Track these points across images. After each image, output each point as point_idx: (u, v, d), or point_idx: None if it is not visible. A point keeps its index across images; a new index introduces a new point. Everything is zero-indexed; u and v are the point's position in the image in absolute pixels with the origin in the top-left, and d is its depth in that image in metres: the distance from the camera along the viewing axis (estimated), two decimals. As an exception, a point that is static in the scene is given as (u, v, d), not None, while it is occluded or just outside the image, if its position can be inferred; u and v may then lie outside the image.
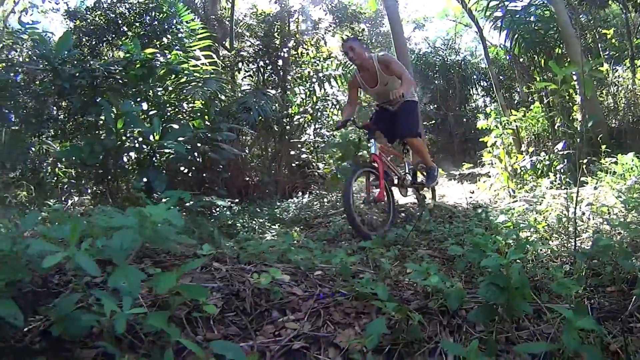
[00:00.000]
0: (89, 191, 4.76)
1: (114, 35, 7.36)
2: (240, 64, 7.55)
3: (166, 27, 6.60)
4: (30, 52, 6.23)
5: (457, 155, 13.18)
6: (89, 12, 8.00)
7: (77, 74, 4.32)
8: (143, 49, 4.54)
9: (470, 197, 5.38)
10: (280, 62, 7.63)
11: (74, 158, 4.20)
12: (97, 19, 7.75)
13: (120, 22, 7.50)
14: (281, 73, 7.65)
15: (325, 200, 5.66)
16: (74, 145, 4.47)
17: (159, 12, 6.76)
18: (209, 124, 4.67)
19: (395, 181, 4.38)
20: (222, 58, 7.71)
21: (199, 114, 4.72)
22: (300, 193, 6.08)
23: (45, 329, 1.33)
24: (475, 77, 15.55)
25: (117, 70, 4.47)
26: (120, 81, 4.51)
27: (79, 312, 1.32)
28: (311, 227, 4.36)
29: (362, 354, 1.42)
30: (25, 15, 11.43)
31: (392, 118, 4.28)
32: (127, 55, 4.48)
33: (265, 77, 7.71)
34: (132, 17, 7.37)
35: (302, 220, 4.62)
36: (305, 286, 1.94)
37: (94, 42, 7.37)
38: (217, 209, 4.19)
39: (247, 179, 5.80)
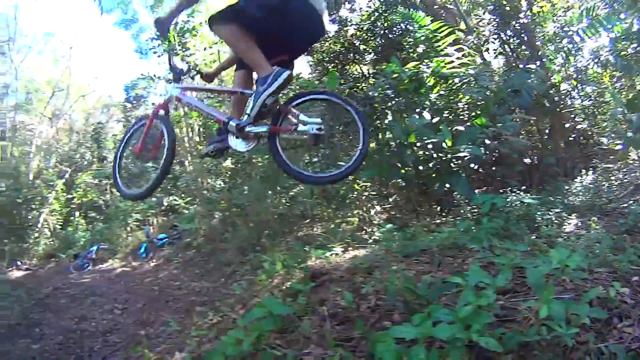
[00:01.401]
0: (390, 200, 5.27)
1: (354, 55, 8.10)
2: (485, 44, 7.38)
3: (404, 36, 7.00)
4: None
5: None
6: (321, 44, 8.76)
7: (360, 103, 4.80)
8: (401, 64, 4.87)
9: None
10: (522, 30, 7.14)
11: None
12: (332, 46, 8.62)
13: (356, 43, 8.26)
14: (526, 39, 7.14)
15: (612, 178, 5.03)
16: (375, 165, 4.86)
17: (395, 26, 7.19)
18: (490, 119, 4.66)
19: None
20: (468, 43, 7.50)
21: (479, 112, 4.79)
22: (582, 170, 5.56)
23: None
24: None
25: (390, 91, 4.88)
26: (396, 99, 4.90)
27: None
28: (607, 215, 3.84)
29: None
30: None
31: None
32: (395, 75, 4.79)
33: (516, 51, 7.35)
34: (365, 35, 8.06)
35: (595, 206, 4.10)
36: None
37: (339, 67, 8.21)
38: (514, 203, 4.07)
39: (529, 161, 5.64)
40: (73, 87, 24.53)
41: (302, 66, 12.45)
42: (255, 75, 2.83)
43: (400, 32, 7.62)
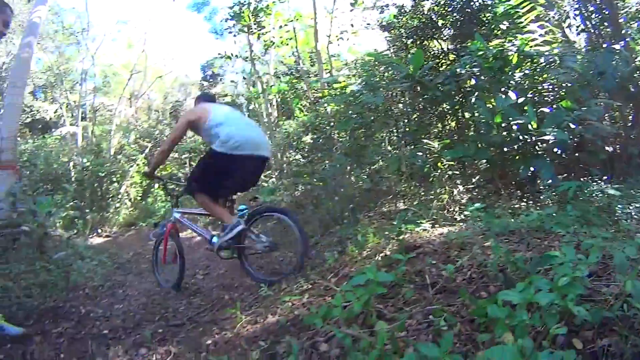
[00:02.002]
0: (473, 181, 5.35)
1: (433, 30, 8.06)
2: (566, 21, 7.18)
3: (483, 11, 6.91)
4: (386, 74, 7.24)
5: None
6: (398, 20, 8.85)
7: (445, 81, 4.97)
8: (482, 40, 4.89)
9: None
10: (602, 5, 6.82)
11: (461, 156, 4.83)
12: (409, 21, 8.55)
13: (433, 17, 8.10)
14: (609, 15, 6.79)
15: None
16: (460, 144, 5.03)
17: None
18: (575, 102, 4.60)
19: None
20: (548, 19, 7.34)
21: (563, 94, 4.77)
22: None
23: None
24: None
25: (476, 68, 4.90)
26: (482, 77, 4.93)
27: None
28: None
29: None
30: (343, 40, 13.08)
31: None
32: (480, 52, 4.82)
33: (598, 28, 7.07)
34: (443, 10, 7.97)
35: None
36: None
37: (418, 42, 8.19)
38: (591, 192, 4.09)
39: (611, 150, 5.50)
40: (150, 69, 25.74)
41: (379, 42, 12.48)
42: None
43: (478, 6, 7.47)
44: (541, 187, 4.60)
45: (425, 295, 2.45)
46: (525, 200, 4.56)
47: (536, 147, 4.35)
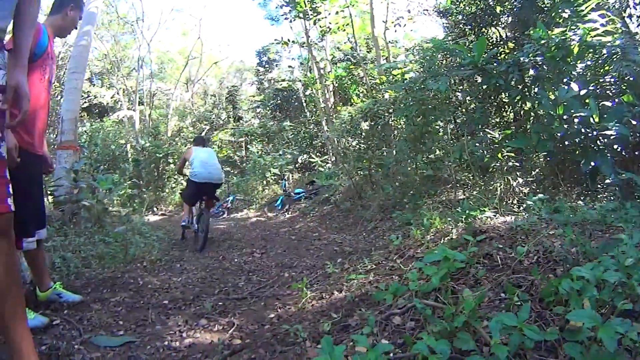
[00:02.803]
0: (533, 174, 5.35)
1: (491, 17, 7.94)
2: (625, 10, 6.89)
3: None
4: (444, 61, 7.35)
5: None
6: (456, 5, 8.75)
7: (508, 69, 4.92)
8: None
9: None
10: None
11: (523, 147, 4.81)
12: (466, 8, 8.47)
13: (491, 3, 7.97)
14: None
15: None
16: (521, 135, 5.03)
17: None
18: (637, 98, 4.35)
19: None
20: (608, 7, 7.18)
21: (624, 87, 4.58)
22: None
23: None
24: None
25: (538, 57, 4.82)
26: (544, 67, 4.86)
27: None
28: None
29: None
30: (399, 27, 13.09)
31: None
32: (542, 41, 4.72)
33: None
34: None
35: None
36: None
37: (476, 29, 8.11)
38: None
39: None
40: (205, 56, 26.61)
41: (436, 29, 12.36)
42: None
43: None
44: (599, 185, 4.55)
45: (494, 275, 2.58)
46: (584, 196, 4.52)
47: (597, 142, 4.25)
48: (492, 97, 6.45)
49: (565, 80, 4.78)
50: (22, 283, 2.52)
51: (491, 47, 7.24)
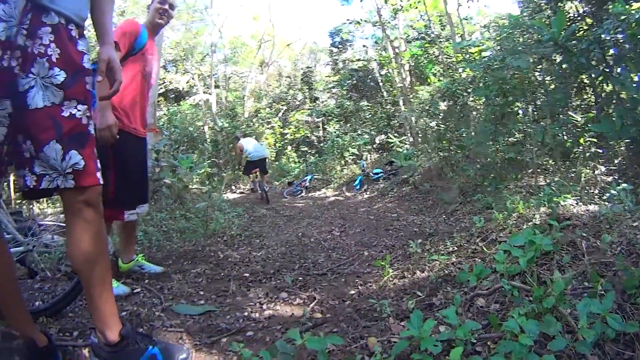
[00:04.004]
0: (615, 162, 5.16)
1: None
2: None
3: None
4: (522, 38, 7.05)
5: None
6: None
7: (589, 47, 4.63)
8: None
9: None
10: None
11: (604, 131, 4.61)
12: None
13: None
14: None
15: None
16: (605, 118, 4.73)
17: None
18: None
19: None
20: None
21: None
22: None
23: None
24: None
25: (620, 35, 4.50)
26: (625, 45, 4.55)
27: None
28: None
29: None
30: (472, 2, 12.66)
31: None
32: (622, 17, 4.34)
33: None
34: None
35: None
36: None
37: (552, 4, 7.67)
38: None
39: None
40: (277, 38, 27.14)
41: (510, 4, 11.86)
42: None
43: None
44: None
45: (578, 263, 2.55)
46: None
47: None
48: (573, 78, 6.14)
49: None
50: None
51: (569, 23, 6.91)
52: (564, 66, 5.67)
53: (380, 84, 18.76)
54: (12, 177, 4.93)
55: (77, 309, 2.61)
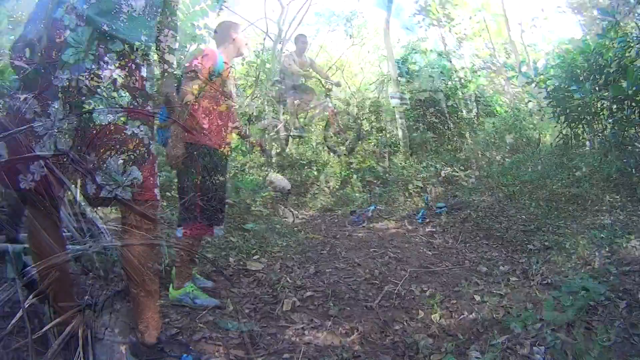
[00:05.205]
0: None
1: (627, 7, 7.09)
2: None
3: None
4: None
5: None
6: None
7: None
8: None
9: None
10: None
11: None
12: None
13: None
14: None
15: None
16: None
17: None
18: None
19: None
20: None
21: None
22: None
23: None
24: None
25: None
26: None
27: None
28: None
29: None
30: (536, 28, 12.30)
31: None
32: None
33: None
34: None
35: None
36: None
37: (614, 23, 7.22)
38: None
39: None
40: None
41: (574, 28, 11.35)
42: None
43: None
44: None
45: (634, 314, 2.49)
46: None
47: None
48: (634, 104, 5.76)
49: None
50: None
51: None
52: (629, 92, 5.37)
53: (447, 115, 18.47)
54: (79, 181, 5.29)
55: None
